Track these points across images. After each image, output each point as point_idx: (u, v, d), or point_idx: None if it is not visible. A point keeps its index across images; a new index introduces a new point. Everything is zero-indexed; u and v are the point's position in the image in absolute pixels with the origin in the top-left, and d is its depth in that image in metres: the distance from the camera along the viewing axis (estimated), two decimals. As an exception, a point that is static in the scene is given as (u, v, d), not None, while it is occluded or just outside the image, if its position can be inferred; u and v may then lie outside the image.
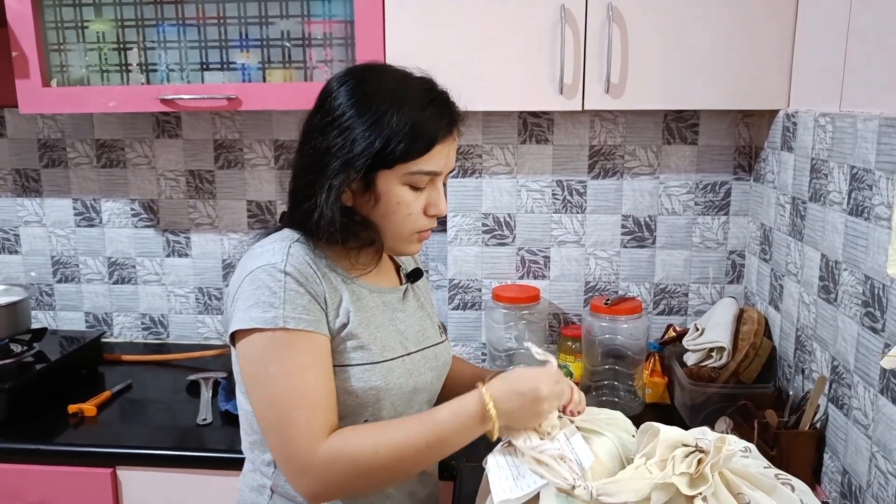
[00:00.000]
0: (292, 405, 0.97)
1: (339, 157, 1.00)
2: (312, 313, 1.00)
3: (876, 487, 1.15)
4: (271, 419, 0.99)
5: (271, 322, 0.97)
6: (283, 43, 1.66)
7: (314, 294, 1.01)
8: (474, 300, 1.91)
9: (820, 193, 1.36)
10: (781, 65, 1.54)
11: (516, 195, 1.86)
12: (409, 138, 1.00)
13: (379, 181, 1.02)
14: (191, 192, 2.04)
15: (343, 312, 1.05)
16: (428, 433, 0.99)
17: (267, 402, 0.99)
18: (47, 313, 2.16)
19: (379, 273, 1.15)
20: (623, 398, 1.70)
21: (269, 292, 0.99)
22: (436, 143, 1.02)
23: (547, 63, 1.55)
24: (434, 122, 1.02)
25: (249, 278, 1.01)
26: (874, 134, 1.15)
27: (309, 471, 0.97)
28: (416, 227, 1.08)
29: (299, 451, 0.97)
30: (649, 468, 0.89)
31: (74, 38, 1.70)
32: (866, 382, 1.18)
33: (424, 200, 1.06)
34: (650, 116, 1.81)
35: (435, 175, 1.05)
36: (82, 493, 1.54)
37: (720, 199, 1.83)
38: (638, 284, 1.89)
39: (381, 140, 0.99)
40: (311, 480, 0.98)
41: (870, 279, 1.17)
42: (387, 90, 1.03)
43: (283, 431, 0.98)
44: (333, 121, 1.02)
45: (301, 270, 1.01)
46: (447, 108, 1.05)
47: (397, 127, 1.00)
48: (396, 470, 1.00)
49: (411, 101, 1.02)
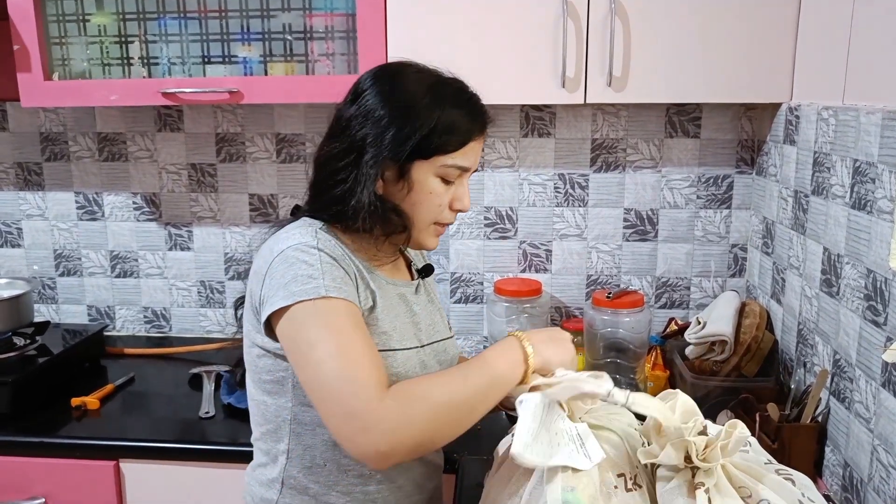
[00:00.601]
0: (349, 361, 0.95)
1: (379, 144, 1.04)
2: (349, 285, 1.02)
3: (877, 481, 1.15)
4: (328, 379, 0.94)
5: (313, 292, 0.97)
6: (285, 36, 1.66)
7: (346, 270, 1.03)
8: (476, 294, 1.92)
9: (822, 187, 1.36)
10: (784, 58, 1.53)
11: (518, 188, 1.85)
12: (448, 132, 1.05)
13: (414, 170, 1.06)
14: (193, 186, 2.04)
15: (370, 295, 1.07)
16: (480, 370, 0.99)
17: (320, 363, 0.95)
18: (50, 307, 2.16)
19: (394, 267, 1.18)
20: (625, 391, 1.70)
21: (306, 266, 0.99)
22: (471, 139, 1.08)
23: (549, 56, 1.55)
24: (471, 119, 1.08)
25: (280, 258, 1.01)
26: (877, 127, 1.15)
27: (380, 423, 0.91)
28: (442, 219, 1.12)
29: (366, 405, 0.92)
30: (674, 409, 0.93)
31: (76, 32, 1.70)
32: (868, 376, 1.18)
33: (451, 195, 1.11)
34: (652, 110, 1.80)
35: (465, 171, 1.10)
36: (85, 486, 1.55)
37: (722, 192, 1.82)
38: (640, 278, 1.89)
39: (421, 131, 1.04)
40: (384, 433, 0.91)
41: (872, 273, 1.17)
42: (426, 85, 1.07)
43: (343, 389, 0.93)
44: (372, 111, 1.06)
45: (331, 249, 1.03)
46: (481, 108, 1.11)
47: (439, 120, 1.04)
48: (462, 408, 0.97)
49: (450, 98, 1.07)
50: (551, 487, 0.90)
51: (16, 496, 1.55)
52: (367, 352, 0.97)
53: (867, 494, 1.18)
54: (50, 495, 1.56)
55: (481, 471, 1.09)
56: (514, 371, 1.00)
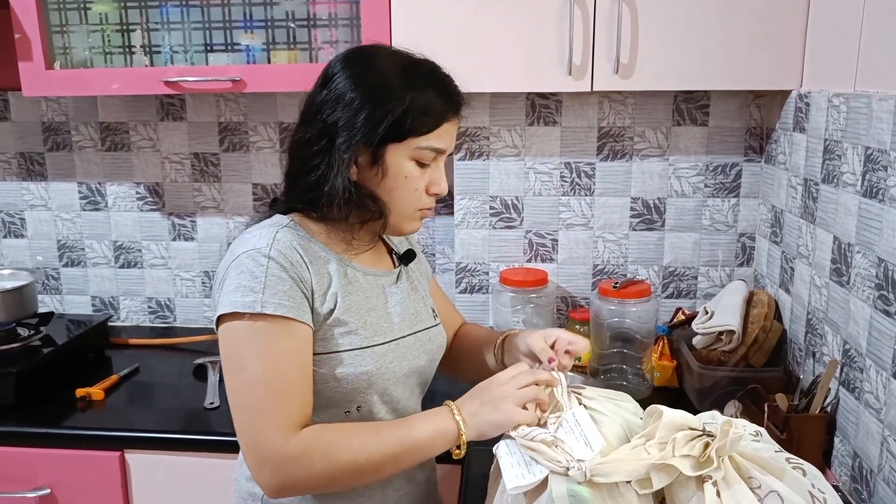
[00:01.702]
0: (266, 393, 0.96)
1: (351, 128, 1.01)
2: (294, 300, 0.99)
3: (887, 471, 1.14)
4: (242, 405, 0.98)
5: (250, 306, 0.96)
6: (288, 24, 1.64)
7: (298, 279, 1.00)
8: (482, 284, 1.90)
9: (833, 175, 1.34)
10: (794, 44, 1.51)
11: (524, 177, 1.84)
12: (422, 113, 1.02)
13: (388, 155, 1.04)
14: (196, 176, 2.03)
15: (330, 297, 1.04)
16: (401, 437, 0.99)
17: (239, 387, 0.98)
18: (54, 297, 2.16)
19: (373, 255, 1.16)
20: (631, 382, 1.69)
21: (250, 277, 0.98)
22: (445, 120, 1.05)
23: (555, 43, 1.53)
24: (445, 100, 1.05)
25: (235, 263, 1.01)
26: (890, 114, 1.13)
27: (276, 463, 0.95)
28: (419, 203, 1.09)
29: (268, 441, 0.95)
30: (647, 449, 0.89)
31: (77, 20, 1.68)
32: (878, 366, 1.17)
33: (427, 179, 1.08)
34: (660, 97, 1.78)
35: (440, 153, 1.08)
36: (90, 477, 1.55)
37: (730, 181, 1.81)
38: (647, 267, 1.87)
39: (395, 113, 1.01)
40: (277, 474, 0.96)
41: (883, 262, 1.15)
42: (398, 67, 1.04)
43: (252, 420, 0.96)
44: (343, 94, 1.03)
45: (286, 255, 1.00)
46: (455, 89, 1.08)
47: (412, 102, 1.02)
48: (367, 472, 0.99)
49: (423, 79, 1.05)
50: (555, 479, 0.90)
51: (21, 487, 1.56)
52: (289, 383, 0.97)
53: (877, 485, 1.17)
54: (55, 486, 1.56)
55: (488, 461, 1.08)
56: (438, 441, 1.00)
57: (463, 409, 1.02)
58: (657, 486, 0.87)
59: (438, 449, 1.01)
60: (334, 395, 1.05)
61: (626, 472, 0.87)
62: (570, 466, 0.88)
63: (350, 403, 1.06)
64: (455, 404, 1.03)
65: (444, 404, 1.04)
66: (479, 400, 1.02)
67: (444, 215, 1.98)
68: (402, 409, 1.13)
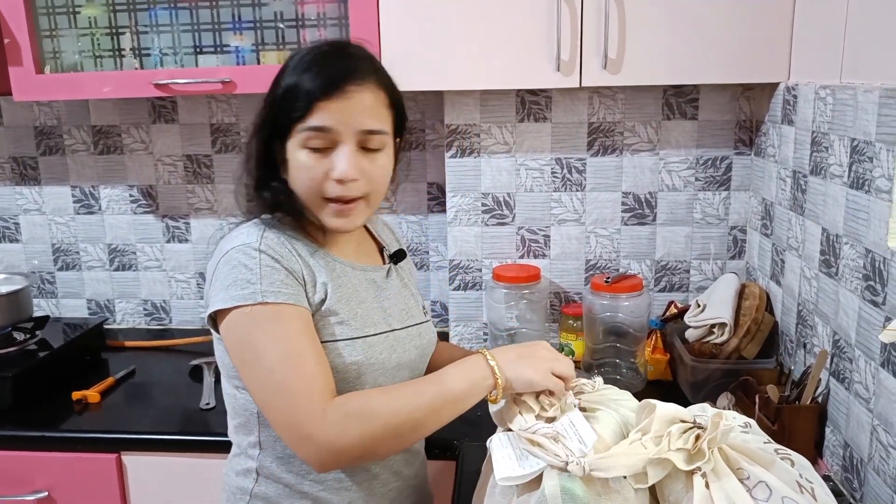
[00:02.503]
0: (291, 371, 0.97)
1: (257, 134, 1.07)
2: (291, 287, 1.01)
3: (877, 461, 1.14)
4: (270, 389, 0.98)
5: (250, 297, 0.98)
6: (277, 24, 1.64)
7: (290, 270, 1.03)
8: (475, 280, 1.91)
9: (821, 167, 1.35)
10: (781, 37, 1.52)
11: (515, 174, 1.84)
12: (289, 98, 1.02)
13: (288, 150, 1.05)
14: (189, 178, 2.04)
15: (321, 288, 1.06)
16: (436, 387, 0.99)
17: (263, 373, 0.98)
18: (49, 301, 2.16)
19: (359, 252, 1.18)
20: (625, 375, 1.70)
21: (245, 269, 1.00)
22: (316, 99, 1.01)
23: (543, 39, 1.53)
24: (312, 79, 1.01)
25: (225, 259, 1.02)
26: (875, 105, 1.14)
27: (319, 434, 0.95)
28: (321, 192, 1.04)
29: (306, 416, 0.95)
30: (644, 444, 0.89)
31: (66, 24, 1.68)
32: (867, 356, 1.17)
33: (327, 165, 1.03)
34: (649, 92, 1.79)
35: (327, 132, 1.02)
36: (88, 479, 1.55)
37: (721, 174, 1.81)
38: (639, 262, 1.88)
39: (272, 107, 1.04)
40: (322, 444, 0.95)
41: (870, 252, 1.16)
42: (289, 59, 1.06)
43: (285, 399, 0.96)
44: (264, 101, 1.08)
45: (275, 249, 1.03)
46: (330, 65, 1.03)
47: (279, 91, 1.03)
48: (408, 427, 0.98)
49: (295, 65, 1.04)
50: (549, 474, 0.90)
51: (19, 490, 1.56)
52: (310, 359, 0.98)
53: (867, 474, 1.18)
54: (52, 489, 1.56)
55: (482, 457, 1.09)
56: (474, 389, 1.00)
57: (498, 356, 1.02)
58: (652, 480, 0.88)
59: (476, 396, 1.00)
60: None
61: (624, 466, 0.87)
62: (569, 461, 0.89)
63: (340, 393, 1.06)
64: (489, 352, 1.03)
65: (477, 352, 1.04)
66: (516, 353, 1.03)
67: (437, 213, 1.99)
68: None
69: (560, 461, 0.89)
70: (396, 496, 1.18)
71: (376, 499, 1.14)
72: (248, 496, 1.12)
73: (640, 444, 0.88)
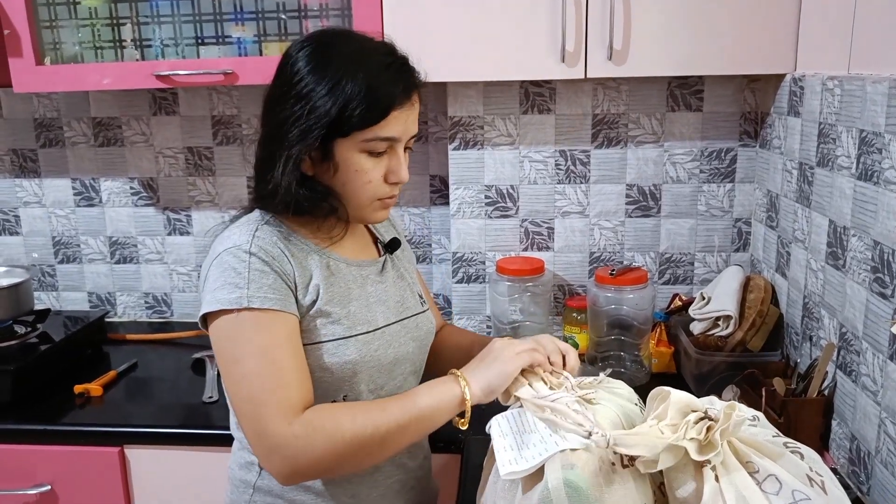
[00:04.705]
0: (263, 383, 0.97)
1: (297, 126, 1.00)
2: (279, 292, 1.00)
3: (885, 453, 1.14)
4: (242, 398, 0.98)
5: (236, 302, 0.98)
6: (279, 15, 1.63)
7: (281, 273, 1.01)
8: (478, 273, 1.90)
9: (828, 158, 1.34)
10: (788, 27, 1.50)
11: (519, 166, 1.83)
12: (364, 105, 0.99)
13: (337, 149, 1.02)
14: (190, 170, 2.02)
15: (312, 289, 1.05)
16: (404, 407, 0.99)
17: (237, 380, 0.98)
18: (50, 294, 2.15)
19: (356, 245, 1.16)
20: (629, 368, 1.69)
21: (234, 273, 0.99)
22: (391, 109, 1.01)
23: (548, 30, 1.52)
24: (390, 88, 1.01)
25: (217, 262, 1.02)
26: (884, 97, 1.13)
27: (282, 448, 0.95)
28: (376, 194, 1.06)
29: (271, 429, 0.95)
30: (662, 429, 0.88)
31: (66, 15, 1.67)
32: (875, 349, 1.17)
33: (384, 167, 1.05)
34: (654, 83, 1.78)
35: (393, 141, 1.04)
36: (90, 473, 1.55)
37: (726, 166, 1.80)
38: (643, 254, 1.87)
39: (336, 107, 0.98)
40: (285, 458, 0.96)
41: (879, 244, 1.15)
42: (345, 55, 1.01)
43: (253, 410, 0.97)
44: (291, 89, 1.01)
45: (267, 250, 1.01)
46: (404, 74, 1.04)
47: (352, 93, 0.98)
48: (373, 446, 0.98)
49: (368, 67, 1.00)
50: (551, 467, 0.90)
51: (21, 484, 1.56)
52: (287, 370, 0.98)
53: (874, 467, 1.17)
54: (55, 483, 1.56)
55: (486, 450, 1.08)
56: (442, 406, 1.00)
57: (465, 372, 1.03)
58: (662, 465, 0.87)
59: (444, 415, 1.01)
60: (320, 384, 1.05)
61: (646, 446, 0.86)
62: (592, 431, 0.88)
63: (337, 392, 1.07)
64: (459, 371, 1.03)
65: (448, 372, 1.04)
66: (479, 359, 1.03)
67: (440, 205, 1.98)
68: None
69: (584, 430, 0.89)
70: (400, 488, 1.17)
71: (380, 490, 1.14)
72: (252, 489, 1.12)
73: (658, 430, 0.88)
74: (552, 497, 0.87)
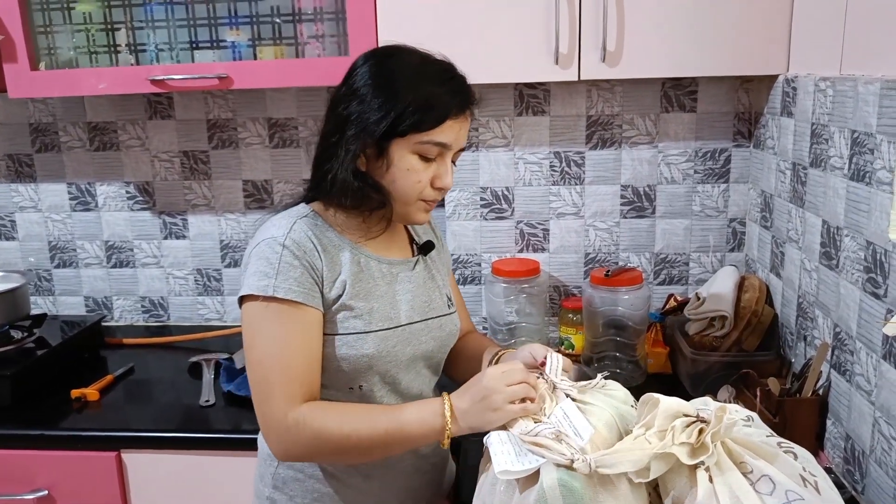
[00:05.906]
0: (272, 369, 1.06)
1: (358, 123, 1.08)
2: (304, 285, 1.07)
3: (879, 453, 1.15)
4: (253, 379, 1.08)
5: (263, 290, 1.06)
6: (273, 19, 1.63)
7: (310, 266, 1.08)
8: (474, 275, 1.91)
9: (820, 159, 1.35)
10: (780, 28, 1.51)
11: (514, 168, 1.84)
12: (423, 110, 1.07)
13: (392, 148, 1.09)
14: (186, 174, 2.02)
15: (339, 284, 1.11)
16: (390, 423, 1.05)
17: (252, 363, 1.08)
18: (47, 299, 2.15)
19: (391, 244, 1.22)
20: (625, 369, 1.70)
21: (266, 263, 1.07)
22: (448, 117, 1.08)
23: (542, 33, 1.53)
24: (448, 98, 1.09)
25: (256, 251, 1.10)
26: (875, 97, 1.13)
27: (274, 433, 1.06)
28: (422, 195, 1.13)
29: (271, 412, 1.06)
30: (648, 438, 0.89)
31: (61, 20, 1.67)
32: (869, 348, 1.17)
33: (432, 172, 1.12)
34: (648, 84, 1.78)
35: (444, 147, 1.11)
36: (88, 478, 1.55)
37: (720, 166, 1.81)
38: (638, 255, 1.88)
39: (397, 110, 1.06)
40: (278, 441, 1.07)
41: (871, 244, 1.16)
42: (408, 66, 1.10)
43: (261, 391, 1.07)
44: (356, 91, 1.10)
45: (300, 244, 1.09)
46: (462, 88, 1.12)
47: (414, 99, 1.06)
48: (353, 452, 1.07)
49: (430, 78, 1.09)
50: (546, 467, 0.90)
51: (18, 489, 1.56)
52: (298, 361, 1.07)
53: (869, 466, 1.18)
54: (52, 487, 1.56)
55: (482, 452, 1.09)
56: (424, 431, 1.05)
57: (455, 404, 1.06)
58: (654, 474, 0.88)
59: (426, 439, 1.07)
60: (337, 373, 1.12)
61: (630, 462, 0.87)
62: (574, 459, 0.89)
63: (353, 382, 1.14)
64: (450, 398, 1.06)
65: (441, 395, 1.08)
66: (469, 396, 1.05)
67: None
68: (405, 390, 1.19)
69: (566, 459, 0.89)
70: (413, 472, 1.23)
71: (393, 473, 1.20)
72: (277, 461, 1.18)
73: (644, 440, 0.88)
74: (547, 496, 0.88)
